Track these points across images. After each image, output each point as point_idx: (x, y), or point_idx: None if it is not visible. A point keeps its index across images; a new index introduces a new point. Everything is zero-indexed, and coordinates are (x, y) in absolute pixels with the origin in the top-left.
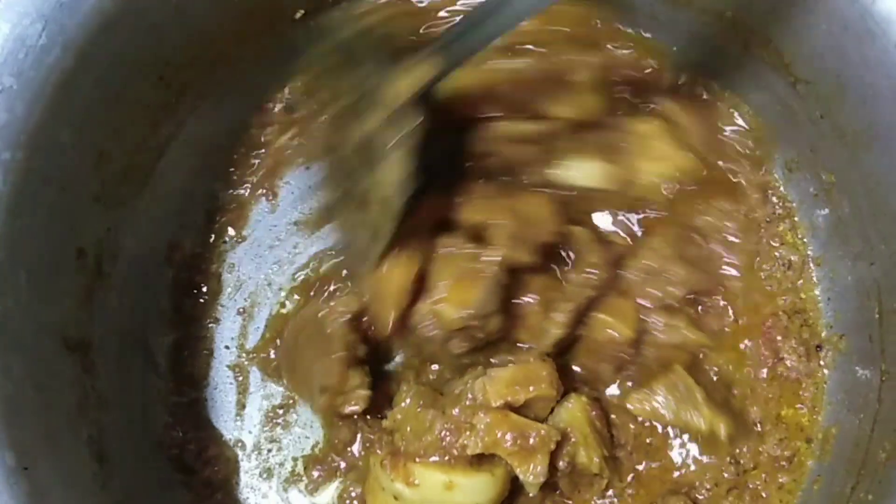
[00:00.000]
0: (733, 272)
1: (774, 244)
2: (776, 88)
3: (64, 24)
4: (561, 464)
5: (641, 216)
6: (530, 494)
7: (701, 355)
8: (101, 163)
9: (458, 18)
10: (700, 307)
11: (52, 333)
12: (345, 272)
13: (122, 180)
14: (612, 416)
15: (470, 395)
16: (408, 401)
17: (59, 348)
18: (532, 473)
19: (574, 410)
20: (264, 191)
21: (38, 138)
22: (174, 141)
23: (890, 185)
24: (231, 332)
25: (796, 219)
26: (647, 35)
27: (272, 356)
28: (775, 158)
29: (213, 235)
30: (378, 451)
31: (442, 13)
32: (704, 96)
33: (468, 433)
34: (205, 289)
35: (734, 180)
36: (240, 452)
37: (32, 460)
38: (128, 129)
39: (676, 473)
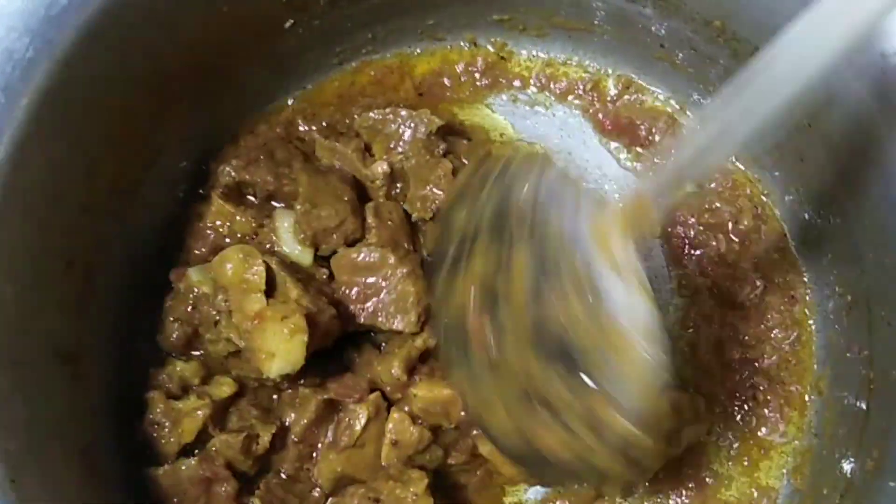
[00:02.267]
0: None
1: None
2: None
3: (51, 38)
4: None
5: None
6: None
7: None
8: (90, 174)
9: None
10: None
11: (41, 345)
12: None
13: (111, 191)
14: None
15: None
16: None
17: (48, 359)
18: None
19: None
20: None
21: (27, 151)
22: (164, 151)
23: (877, 193)
24: None
25: (786, 227)
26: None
27: None
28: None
29: (203, 245)
30: None
31: None
32: None
33: None
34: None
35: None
36: None
37: (21, 473)
38: (117, 140)
39: None
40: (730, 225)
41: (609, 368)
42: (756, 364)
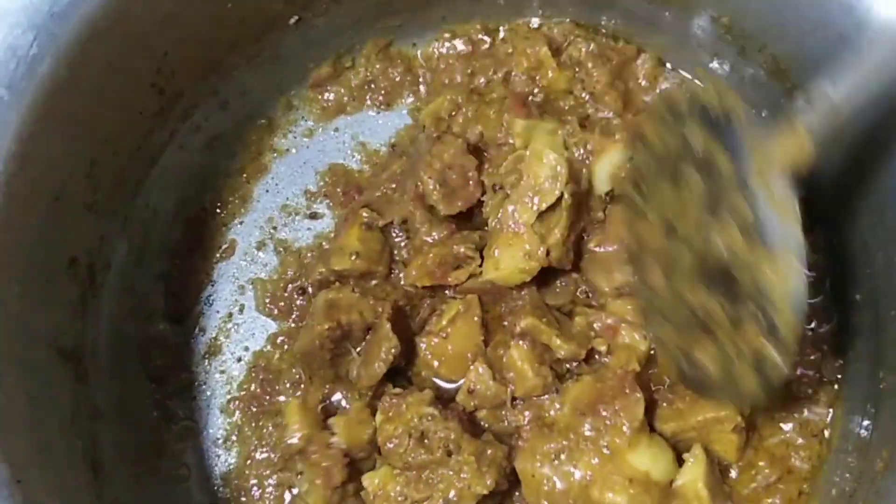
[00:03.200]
0: None
1: None
2: (774, 95)
3: (55, 34)
4: None
5: None
6: None
7: None
8: (93, 171)
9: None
10: None
11: (45, 343)
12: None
13: (114, 188)
14: None
15: None
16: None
17: (52, 358)
18: None
19: None
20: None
21: (30, 148)
22: (167, 148)
23: (888, 192)
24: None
25: None
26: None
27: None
28: None
29: (207, 243)
30: None
31: None
32: None
33: None
34: (198, 296)
35: None
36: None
37: (25, 472)
38: (120, 138)
39: None
40: None
41: (764, 291)
42: None
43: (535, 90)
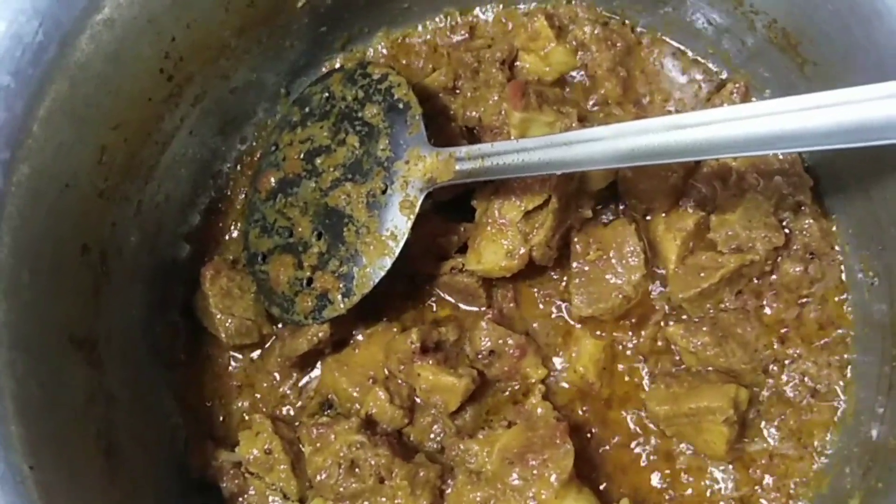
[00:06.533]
0: None
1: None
2: (784, 70)
3: (61, 20)
4: None
5: None
6: None
7: None
8: (104, 158)
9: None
10: None
11: (58, 331)
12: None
13: (125, 175)
14: None
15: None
16: None
17: (65, 345)
18: None
19: None
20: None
21: (39, 136)
22: (178, 134)
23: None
24: None
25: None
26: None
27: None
28: None
29: (219, 228)
30: None
31: None
32: None
33: None
34: None
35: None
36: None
37: (38, 459)
38: (130, 124)
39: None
40: None
41: (359, 254)
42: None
43: (537, 76)
